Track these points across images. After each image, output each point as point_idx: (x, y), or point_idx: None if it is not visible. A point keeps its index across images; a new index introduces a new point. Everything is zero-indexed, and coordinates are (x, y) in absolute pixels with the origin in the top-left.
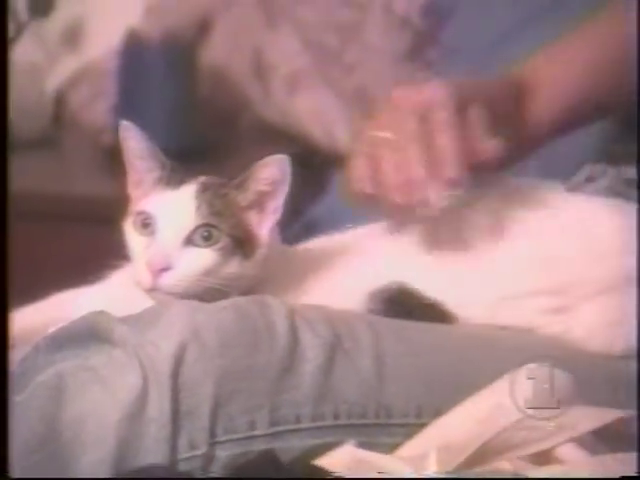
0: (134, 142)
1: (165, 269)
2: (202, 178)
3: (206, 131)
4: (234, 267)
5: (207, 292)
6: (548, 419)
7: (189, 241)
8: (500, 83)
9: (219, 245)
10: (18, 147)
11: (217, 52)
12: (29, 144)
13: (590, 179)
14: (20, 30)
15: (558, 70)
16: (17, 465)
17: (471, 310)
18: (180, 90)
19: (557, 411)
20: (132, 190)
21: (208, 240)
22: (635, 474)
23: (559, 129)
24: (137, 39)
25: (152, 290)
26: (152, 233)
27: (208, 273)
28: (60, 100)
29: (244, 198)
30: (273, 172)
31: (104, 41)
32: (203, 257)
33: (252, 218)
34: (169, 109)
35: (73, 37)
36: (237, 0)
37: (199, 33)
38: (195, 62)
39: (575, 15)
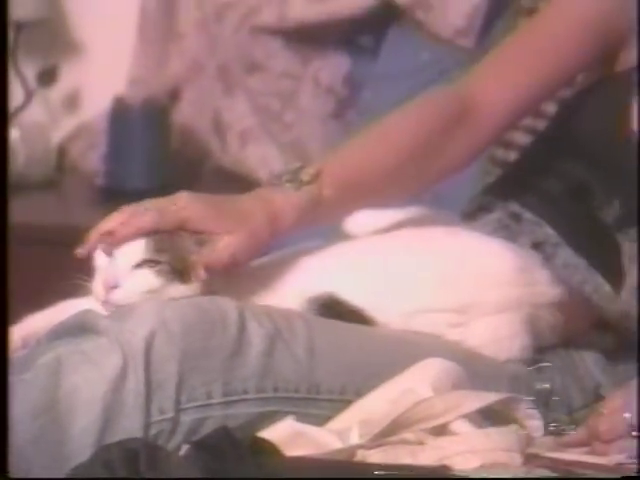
0: None
1: (114, 287)
2: None
3: (176, 176)
4: (174, 290)
5: None
6: (444, 400)
7: (137, 266)
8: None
9: (162, 271)
10: (28, 189)
11: (185, 114)
12: (37, 186)
13: (482, 209)
14: (29, 97)
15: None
16: (23, 429)
17: (389, 318)
18: (156, 144)
19: (451, 394)
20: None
21: (153, 268)
22: (635, 474)
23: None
24: (123, 104)
25: (104, 303)
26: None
27: (151, 292)
28: (62, 151)
29: (188, 237)
30: None
31: (97, 105)
32: (147, 279)
33: (194, 262)
34: (147, 158)
35: (72, 102)
36: (201, 73)
37: (171, 99)
38: (168, 122)
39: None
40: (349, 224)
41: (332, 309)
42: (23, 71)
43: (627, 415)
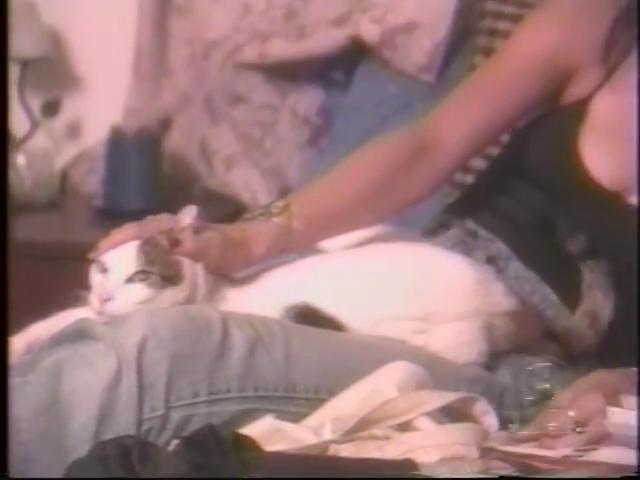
0: None
1: (108, 300)
2: None
3: (168, 198)
4: (165, 297)
5: None
6: (408, 399)
7: (130, 280)
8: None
9: (153, 283)
10: (33, 209)
11: (176, 142)
12: (41, 207)
13: (442, 227)
14: (35, 127)
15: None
16: (26, 427)
17: (359, 325)
18: (149, 168)
19: (415, 393)
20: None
21: (144, 280)
22: (635, 474)
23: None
24: (119, 133)
25: (99, 314)
26: (106, 274)
27: (143, 303)
28: (64, 176)
29: (165, 239)
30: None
31: (96, 134)
32: (139, 292)
33: (179, 259)
34: (141, 182)
35: (74, 131)
36: (189, 104)
37: (163, 128)
38: (160, 149)
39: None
40: None
41: (307, 317)
42: (29, 103)
43: (571, 413)
